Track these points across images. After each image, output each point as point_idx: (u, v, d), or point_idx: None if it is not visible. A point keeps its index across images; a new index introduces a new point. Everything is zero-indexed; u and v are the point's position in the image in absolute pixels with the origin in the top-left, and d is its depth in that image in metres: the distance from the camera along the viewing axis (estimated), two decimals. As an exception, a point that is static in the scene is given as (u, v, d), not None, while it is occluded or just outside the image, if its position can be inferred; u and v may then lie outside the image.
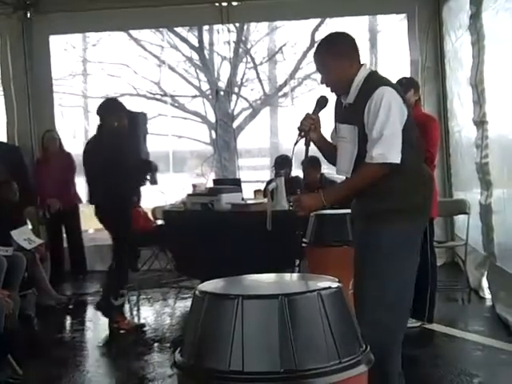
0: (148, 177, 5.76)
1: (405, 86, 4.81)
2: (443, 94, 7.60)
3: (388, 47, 9.47)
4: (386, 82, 3.02)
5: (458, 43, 6.83)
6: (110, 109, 5.54)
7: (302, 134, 3.06)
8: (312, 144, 3.14)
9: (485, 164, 5.67)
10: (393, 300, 2.91)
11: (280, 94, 11.17)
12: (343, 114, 3.13)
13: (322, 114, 3.19)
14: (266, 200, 6.17)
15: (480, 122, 5.75)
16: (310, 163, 6.19)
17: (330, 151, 3.22)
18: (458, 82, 6.95)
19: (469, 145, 6.32)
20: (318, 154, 3.34)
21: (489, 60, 5.54)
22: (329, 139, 3.28)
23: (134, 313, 6.23)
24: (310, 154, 3.25)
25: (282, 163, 7.17)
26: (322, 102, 3.13)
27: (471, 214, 5.91)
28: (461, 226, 6.73)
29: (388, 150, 2.86)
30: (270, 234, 5.63)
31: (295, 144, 3.08)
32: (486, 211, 5.69)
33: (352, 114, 3.03)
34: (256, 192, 6.93)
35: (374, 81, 3.01)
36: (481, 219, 5.80)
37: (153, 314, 6.05)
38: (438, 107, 7.59)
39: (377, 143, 2.87)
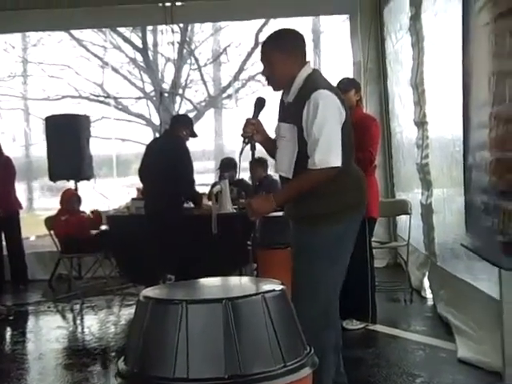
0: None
1: (346, 86, 4.92)
2: (385, 95, 7.75)
3: (331, 48, 9.61)
4: (324, 84, 3.05)
5: (398, 45, 6.92)
6: (186, 120, 6.16)
7: (246, 140, 3.11)
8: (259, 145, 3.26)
9: (425, 164, 5.73)
10: (324, 298, 3.03)
11: (224, 95, 11.14)
12: (284, 113, 3.16)
13: (262, 115, 3.20)
14: (210, 203, 6.17)
15: (420, 123, 5.82)
16: (257, 161, 6.21)
17: (274, 148, 3.24)
18: (399, 83, 7.02)
19: (410, 145, 6.39)
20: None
21: (428, 61, 5.61)
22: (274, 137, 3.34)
23: (78, 322, 6.13)
24: (258, 155, 3.29)
25: (226, 166, 7.18)
26: (259, 104, 3.17)
27: (413, 214, 5.93)
28: (403, 227, 6.77)
29: (329, 154, 2.92)
30: (216, 237, 5.64)
31: (241, 153, 3.10)
32: (426, 211, 5.74)
33: (291, 113, 3.06)
34: (201, 196, 7.00)
35: (313, 82, 3.04)
36: (422, 219, 5.85)
37: (97, 322, 5.93)
38: (380, 108, 7.74)
39: (317, 148, 2.91)
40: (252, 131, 3.10)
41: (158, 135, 9.53)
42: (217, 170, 7.62)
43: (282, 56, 3.04)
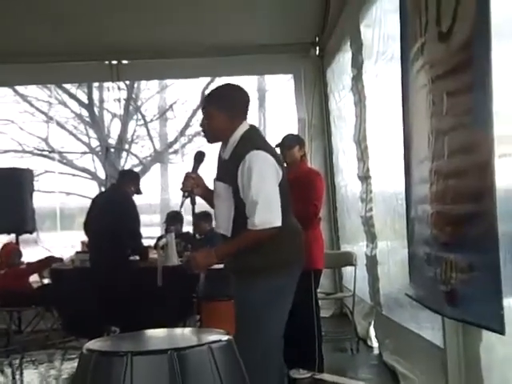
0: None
1: (291, 142, 4.99)
2: (329, 150, 7.80)
3: (276, 105, 9.90)
4: (258, 143, 3.08)
5: (341, 103, 7.04)
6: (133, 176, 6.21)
7: (186, 194, 3.13)
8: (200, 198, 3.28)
9: (369, 217, 5.80)
10: (265, 348, 3.03)
11: (170, 150, 11.23)
12: (220, 170, 3.19)
13: (202, 168, 3.25)
14: (156, 256, 6.14)
15: (364, 177, 5.92)
16: (201, 215, 6.21)
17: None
18: (342, 139, 7.12)
19: (354, 199, 6.47)
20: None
21: (370, 118, 5.69)
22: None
23: (17, 377, 5.89)
24: (203, 209, 3.29)
25: (172, 219, 7.12)
26: (199, 158, 3.22)
27: (358, 265, 5.95)
28: (348, 278, 6.76)
29: (269, 215, 2.95)
30: (161, 289, 5.58)
31: (181, 206, 3.15)
32: (371, 262, 5.80)
33: (227, 172, 3.08)
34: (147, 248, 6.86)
35: (248, 142, 3.06)
36: (367, 270, 5.93)
37: (37, 377, 5.73)
38: (325, 163, 7.75)
39: (256, 209, 2.93)
40: (192, 185, 3.13)
41: (103, 189, 9.47)
42: (163, 224, 7.56)
43: (220, 111, 3.06)
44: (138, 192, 6.08)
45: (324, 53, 7.72)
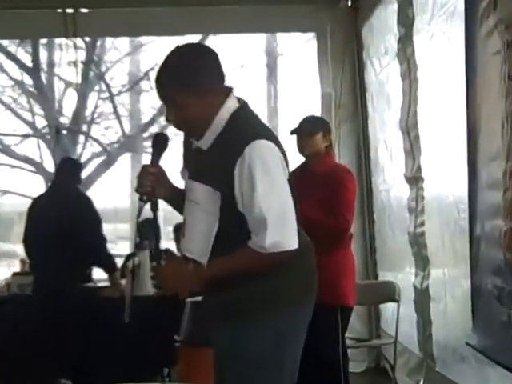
0: None
1: (312, 128, 4.96)
2: (364, 140, 7.68)
3: (291, 76, 9.78)
4: (258, 130, 2.98)
5: (383, 74, 6.93)
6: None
7: (145, 197, 3.01)
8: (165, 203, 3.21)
9: (420, 234, 5.70)
10: None
11: (145, 135, 11.20)
12: (195, 165, 3.07)
13: (165, 158, 3.12)
14: (124, 282, 6.13)
15: (413, 179, 5.84)
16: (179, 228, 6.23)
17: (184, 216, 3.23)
18: (384, 125, 7.01)
19: (399, 208, 6.41)
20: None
21: (424, 97, 5.62)
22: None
23: None
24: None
25: (147, 231, 7.12)
26: (160, 143, 3.10)
27: (402, 301, 5.89)
28: (389, 319, 6.72)
29: (282, 235, 2.86)
30: (130, 328, 5.59)
31: (138, 215, 3.07)
32: (422, 298, 5.70)
33: (210, 169, 2.96)
34: None
35: (244, 127, 2.96)
36: (415, 309, 5.82)
37: None
38: (358, 157, 7.66)
39: (267, 229, 2.83)
40: (152, 183, 3.01)
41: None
42: (135, 236, 7.67)
43: (188, 94, 2.89)
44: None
45: (359, 4, 7.59)
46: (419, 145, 5.77)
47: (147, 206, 3.06)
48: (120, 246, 8.60)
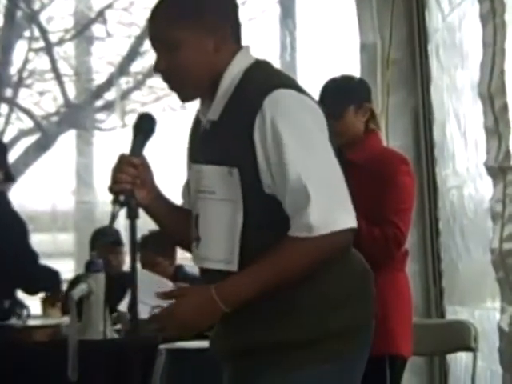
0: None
1: (331, 105, 4.63)
2: (425, 115, 7.69)
3: (315, 19, 9.92)
4: (284, 80, 3.19)
5: (453, 16, 6.91)
6: None
7: (122, 198, 3.20)
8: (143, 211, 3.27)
9: (509, 252, 5.71)
10: None
11: (98, 103, 11.48)
12: (203, 146, 3.27)
13: (149, 149, 3.30)
14: (65, 319, 6.23)
15: (499, 170, 5.72)
16: (153, 247, 6.31)
17: (178, 222, 3.42)
18: (455, 92, 7.00)
19: (478, 214, 6.41)
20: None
21: None
22: (175, 199, 3.43)
23: None
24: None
25: (101, 244, 7.27)
26: (144, 126, 3.33)
27: (481, 350, 5.86)
28: (461, 375, 6.78)
29: (334, 209, 3.05)
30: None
31: (112, 221, 3.23)
32: (510, 344, 5.58)
33: (221, 143, 3.17)
34: (46, 302, 7.03)
35: (262, 79, 3.16)
36: (501, 362, 5.65)
37: None
38: (415, 140, 7.75)
39: (308, 196, 3.01)
40: (132, 179, 3.23)
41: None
42: (92, 253, 7.63)
43: (195, 33, 3.19)
44: (9, 178, 6.44)
45: None
46: (508, 119, 5.68)
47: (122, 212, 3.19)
48: (59, 263, 8.75)
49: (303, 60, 10.01)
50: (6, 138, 10.35)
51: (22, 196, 6.08)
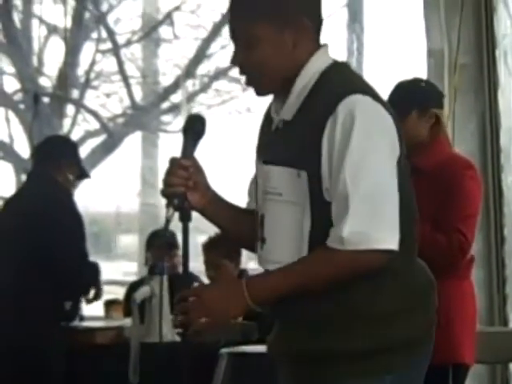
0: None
1: (418, 97, 5.07)
2: (492, 120, 7.85)
3: (382, 23, 9.94)
4: (361, 86, 3.13)
5: None
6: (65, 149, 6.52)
7: (175, 201, 3.15)
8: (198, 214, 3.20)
9: None
10: None
11: (164, 105, 11.47)
12: (273, 145, 3.20)
13: (201, 150, 3.23)
14: (128, 322, 6.28)
15: None
16: (219, 249, 6.25)
17: (238, 223, 3.33)
18: None
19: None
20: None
21: None
22: (240, 200, 3.36)
23: None
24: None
25: (161, 247, 7.21)
26: (196, 128, 3.26)
27: None
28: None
29: (373, 223, 2.96)
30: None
31: (167, 223, 3.14)
32: None
33: (292, 144, 3.11)
34: (109, 305, 7.11)
35: (339, 83, 3.11)
36: None
37: None
38: (482, 145, 7.74)
39: (347, 207, 2.96)
40: (184, 182, 3.17)
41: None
42: (146, 255, 7.71)
43: (274, 29, 3.14)
44: (83, 175, 6.43)
45: None
46: None
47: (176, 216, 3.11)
48: (122, 264, 8.69)
49: (370, 65, 9.89)
50: (75, 138, 10.12)
51: (87, 197, 5.99)
